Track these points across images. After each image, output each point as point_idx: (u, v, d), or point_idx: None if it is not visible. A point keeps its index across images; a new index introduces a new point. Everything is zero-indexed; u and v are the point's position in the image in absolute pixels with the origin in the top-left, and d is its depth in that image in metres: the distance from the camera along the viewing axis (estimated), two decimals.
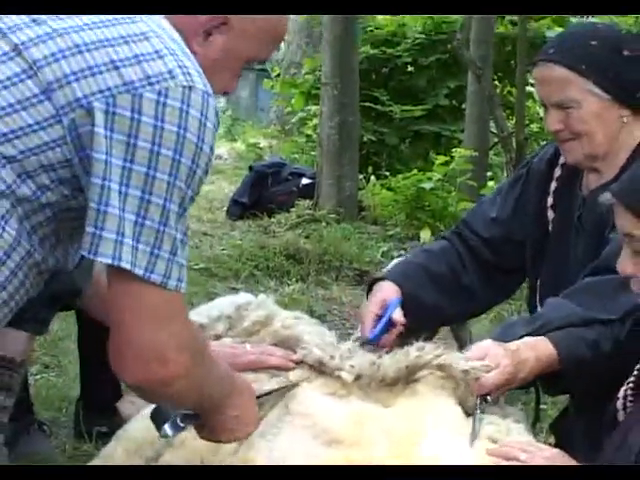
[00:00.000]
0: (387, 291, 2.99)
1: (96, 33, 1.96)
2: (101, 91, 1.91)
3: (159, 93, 1.92)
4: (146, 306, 1.95)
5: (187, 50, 2.03)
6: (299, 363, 2.57)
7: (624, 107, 2.92)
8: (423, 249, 3.35)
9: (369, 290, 3.08)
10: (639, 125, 2.95)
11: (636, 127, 2.94)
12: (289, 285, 6.10)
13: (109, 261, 1.89)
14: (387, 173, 8.82)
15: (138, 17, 2.02)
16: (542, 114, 3.16)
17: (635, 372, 2.52)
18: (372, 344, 2.81)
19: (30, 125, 1.92)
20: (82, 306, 2.80)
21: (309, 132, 9.90)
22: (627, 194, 2.30)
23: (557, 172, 3.13)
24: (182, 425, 2.24)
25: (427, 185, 8.00)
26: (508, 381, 2.57)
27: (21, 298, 2.06)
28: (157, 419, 2.25)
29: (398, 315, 2.89)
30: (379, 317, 2.92)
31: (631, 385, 2.52)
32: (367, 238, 7.28)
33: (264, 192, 7.94)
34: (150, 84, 1.92)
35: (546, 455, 2.44)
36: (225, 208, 8.00)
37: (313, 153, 8.75)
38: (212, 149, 2.00)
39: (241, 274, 6.17)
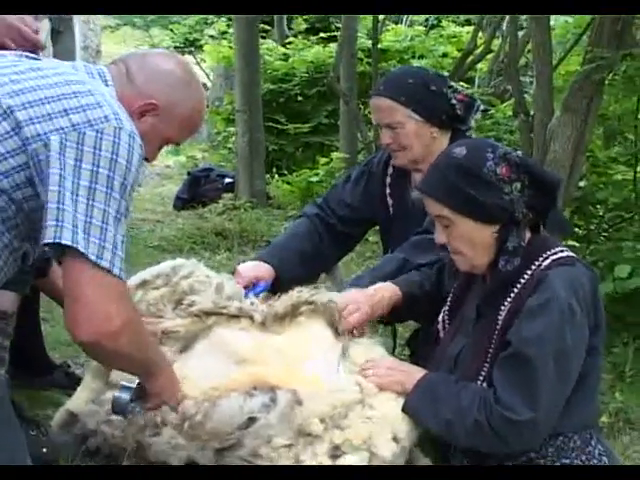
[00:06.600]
0: (264, 274, 2.92)
1: (56, 90, 1.98)
2: (56, 130, 1.93)
3: (97, 131, 1.94)
4: (96, 282, 1.92)
5: (122, 106, 2.04)
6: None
7: (433, 126, 2.98)
8: (293, 233, 3.23)
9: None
10: (444, 138, 3.02)
11: (443, 139, 3.02)
12: (219, 255, 6.05)
13: (69, 242, 1.88)
14: (286, 172, 8.79)
15: (87, 81, 2.05)
16: None
17: (448, 302, 2.57)
18: None
19: (2, 154, 1.93)
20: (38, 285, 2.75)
21: (229, 146, 9.83)
22: (429, 188, 2.33)
23: (390, 170, 3.19)
24: (134, 405, 2.25)
25: (314, 179, 8.02)
26: (368, 318, 2.61)
27: (3, 276, 2.03)
28: (117, 411, 2.27)
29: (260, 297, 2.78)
30: (252, 285, 2.85)
31: (446, 312, 2.56)
32: (273, 219, 7.25)
33: (199, 189, 7.84)
34: (91, 125, 1.94)
35: (388, 365, 2.47)
36: (172, 202, 7.90)
37: (233, 161, 8.68)
38: (138, 170, 2.00)
39: (184, 248, 6.09)
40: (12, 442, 2.02)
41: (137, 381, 2.24)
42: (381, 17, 8.41)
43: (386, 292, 2.67)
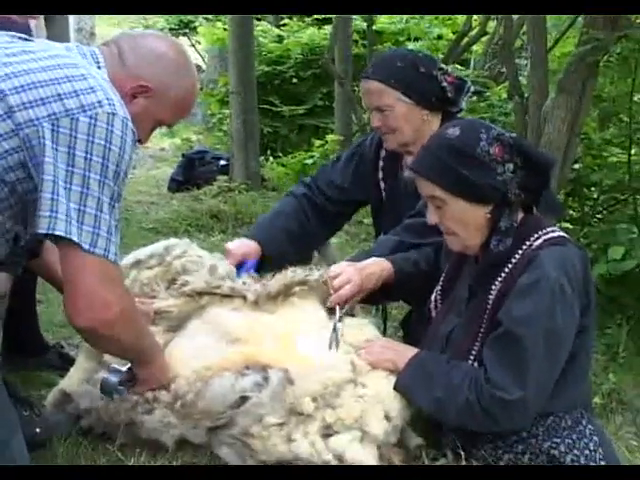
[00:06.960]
0: (250, 251, 2.95)
1: (49, 74, 1.96)
2: (49, 115, 1.92)
3: (90, 117, 1.93)
4: (93, 270, 1.94)
5: (115, 90, 2.02)
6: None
7: (424, 109, 2.96)
8: (279, 211, 3.22)
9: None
10: (435, 120, 2.99)
11: (433, 121, 2.99)
12: (213, 237, 6.04)
13: (62, 234, 1.89)
14: (281, 154, 8.78)
15: (81, 63, 2.03)
16: None
17: (441, 282, 2.57)
18: None
19: None
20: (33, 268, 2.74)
21: (224, 128, 9.80)
22: (421, 169, 2.33)
23: (382, 153, 3.18)
24: (122, 388, 2.27)
25: (309, 161, 8.02)
26: (359, 291, 2.61)
27: None
28: (105, 391, 2.29)
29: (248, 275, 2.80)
30: (240, 263, 2.87)
31: (439, 292, 2.56)
32: (268, 201, 7.20)
33: (193, 172, 7.82)
34: (84, 111, 1.93)
35: (381, 344, 2.48)
36: (166, 185, 7.88)
37: (228, 143, 8.65)
38: (130, 157, 1.99)
39: (179, 230, 6.06)
40: (5, 424, 2.03)
41: (128, 365, 2.25)
42: None
43: (377, 267, 2.68)
